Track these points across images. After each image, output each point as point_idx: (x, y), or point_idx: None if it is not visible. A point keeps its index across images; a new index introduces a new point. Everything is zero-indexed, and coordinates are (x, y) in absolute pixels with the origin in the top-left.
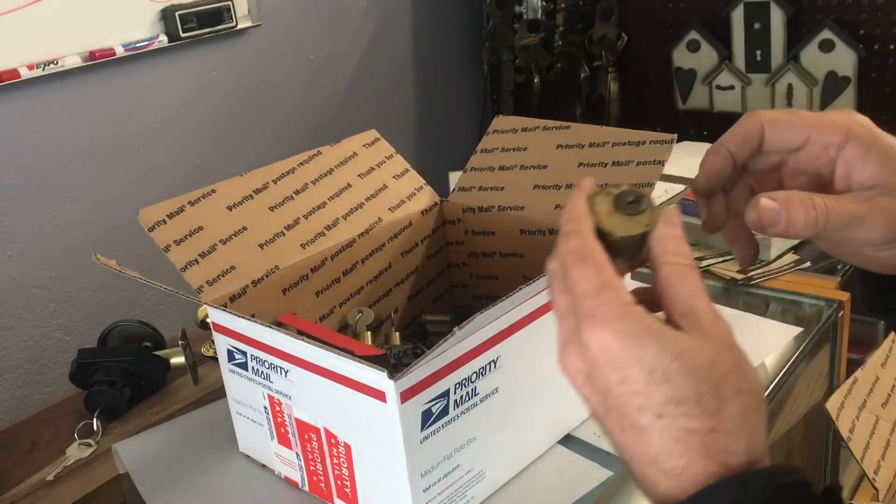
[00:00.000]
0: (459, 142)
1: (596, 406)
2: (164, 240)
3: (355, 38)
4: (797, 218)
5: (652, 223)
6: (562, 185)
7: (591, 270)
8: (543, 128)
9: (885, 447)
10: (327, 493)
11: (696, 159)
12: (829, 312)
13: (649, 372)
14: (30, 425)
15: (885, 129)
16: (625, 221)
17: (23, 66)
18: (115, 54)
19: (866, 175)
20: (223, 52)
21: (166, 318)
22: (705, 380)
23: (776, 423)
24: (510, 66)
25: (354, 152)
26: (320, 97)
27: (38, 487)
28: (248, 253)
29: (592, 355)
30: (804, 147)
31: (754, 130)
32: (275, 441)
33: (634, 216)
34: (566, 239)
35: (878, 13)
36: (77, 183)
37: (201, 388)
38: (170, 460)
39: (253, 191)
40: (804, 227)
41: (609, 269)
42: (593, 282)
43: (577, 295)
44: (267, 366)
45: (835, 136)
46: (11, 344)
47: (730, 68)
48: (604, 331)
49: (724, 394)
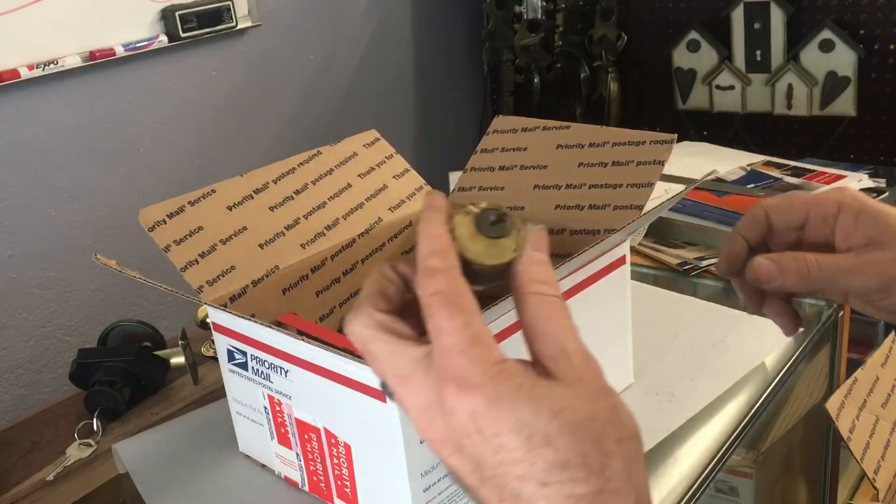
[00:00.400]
0: (459, 142)
1: (467, 476)
2: (164, 240)
3: (355, 38)
4: (789, 271)
5: (520, 247)
6: (562, 185)
7: (461, 320)
8: (543, 128)
9: (885, 447)
10: (327, 493)
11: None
12: (829, 312)
13: (527, 437)
14: (30, 425)
15: (885, 128)
16: (490, 247)
17: (23, 66)
18: (115, 54)
19: (859, 236)
20: (223, 52)
21: (166, 318)
22: (587, 437)
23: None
24: (510, 66)
25: (354, 152)
26: (320, 97)
27: (38, 487)
28: (248, 253)
29: (461, 422)
30: (807, 222)
31: (760, 215)
32: (275, 441)
33: (499, 239)
34: (430, 277)
35: (878, 13)
36: (77, 183)
37: (201, 388)
38: (170, 460)
39: (253, 191)
40: (797, 279)
41: (480, 318)
42: (461, 334)
43: (442, 347)
44: (267, 366)
45: (829, 208)
46: (11, 344)
47: (730, 68)
48: (473, 395)
49: (607, 447)
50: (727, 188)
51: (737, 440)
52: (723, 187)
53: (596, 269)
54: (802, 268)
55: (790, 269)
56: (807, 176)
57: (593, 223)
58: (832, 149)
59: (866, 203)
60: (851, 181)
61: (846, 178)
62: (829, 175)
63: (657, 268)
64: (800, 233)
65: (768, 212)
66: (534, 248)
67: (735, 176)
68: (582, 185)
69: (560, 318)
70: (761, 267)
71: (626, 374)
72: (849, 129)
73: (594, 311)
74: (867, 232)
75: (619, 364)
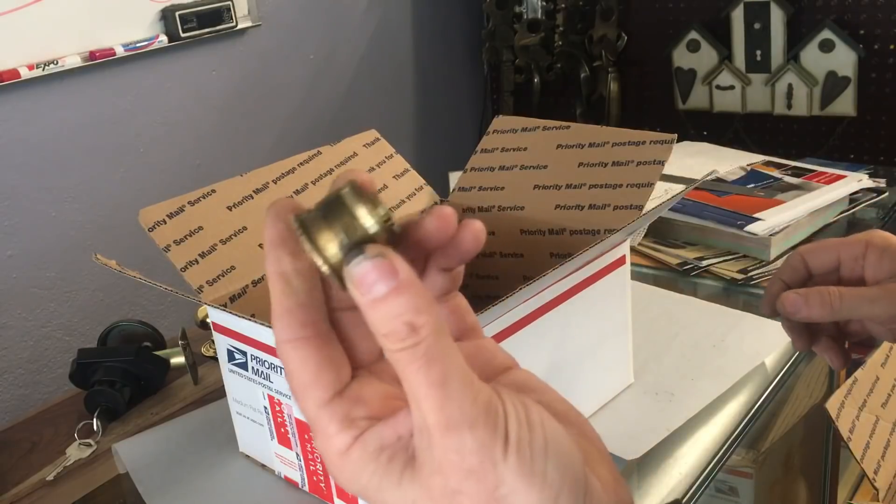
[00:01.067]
0: (459, 142)
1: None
2: (164, 240)
3: (355, 38)
4: (814, 303)
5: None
6: (562, 185)
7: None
8: (543, 128)
9: (885, 447)
10: (327, 493)
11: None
12: None
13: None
14: (30, 425)
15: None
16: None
17: (23, 66)
18: (115, 54)
19: (885, 270)
20: (223, 52)
21: (166, 318)
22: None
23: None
24: (510, 66)
25: (354, 152)
26: (320, 97)
27: (38, 487)
28: (248, 253)
29: None
30: (841, 263)
31: (797, 260)
32: (275, 441)
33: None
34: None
35: (878, 13)
36: (77, 183)
37: (201, 388)
38: (170, 460)
39: (253, 191)
40: (820, 310)
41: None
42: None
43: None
44: (267, 366)
45: (858, 248)
46: (11, 344)
47: (730, 68)
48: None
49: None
50: (727, 188)
51: (737, 440)
52: (723, 187)
53: (596, 269)
54: (825, 298)
55: (815, 301)
56: (807, 176)
57: (593, 223)
58: (832, 149)
59: (891, 240)
60: (851, 181)
61: (846, 178)
62: (829, 175)
63: (657, 268)
64: (836, 274)
65: (804, 256)
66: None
67: (735, 176)
68: (582, 185)
69: (414, 372)
70: (788, 299)
71: (626, 374)
72: (849, 129)
73: (594, 312)
74: (890, 267)
75: (619, 364)
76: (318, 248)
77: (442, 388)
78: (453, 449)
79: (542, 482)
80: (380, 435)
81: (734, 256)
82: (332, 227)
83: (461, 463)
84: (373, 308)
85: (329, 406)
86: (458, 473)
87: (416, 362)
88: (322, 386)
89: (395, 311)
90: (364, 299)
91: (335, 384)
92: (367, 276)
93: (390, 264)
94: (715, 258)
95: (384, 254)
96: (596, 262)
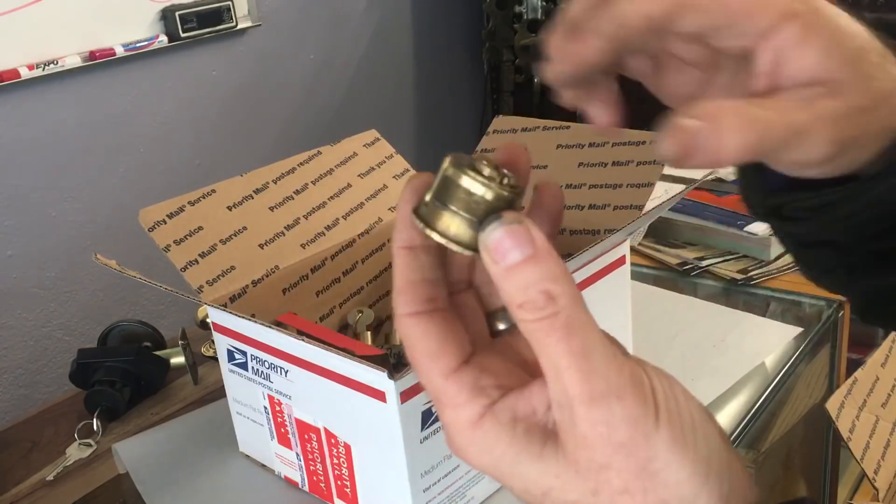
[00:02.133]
0: (459, 142)
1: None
2: (164, 240)
3: (355, 38)
4: (730, 141)
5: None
6: (562, 185)
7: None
8: (543, 128)
9: (885, 447)
10: (327, 493)
11: None
12: (830, 312)
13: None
14: (30, 425)
15: None
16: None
17: (23, 66)
18: (115, 54)
19: (803, 66)
20: (223, 52)
21: (166, 318)
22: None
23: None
24: (510, 66)
25: (354, 152)
26: (320, 97)
27: (38, 487)
28: (248, 253)
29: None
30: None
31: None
32: (275, 441)
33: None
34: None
35: (878, 13)
36: (77, 183)
37: (201, 388)
38: (170, 460)
39: (253, 191)
40: (738, 153)
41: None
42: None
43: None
44: (267, 366)
45: (762, 19)
46: (11, 344)
47: None
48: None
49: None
50: (727, 188)
51: (737, 440)
52: (723, 187)
53: (596, 269)
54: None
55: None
56: None
57: (593, 223)
58: None
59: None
60: None
61: None
62: None
63: (657, 268)
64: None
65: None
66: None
67: (735, 176)
68: (582, 185)
69: (554, 344)
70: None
71: None
72: None
73: (594, 312)
74: (814, 62)
75: None
76: (446, 237)
77: (585, 358)
78: (601, 421)
79: (694, 455)
80: (512, 406)
81: (734, 256)
82: (450, 210)
83: (610, 436)
84: (507, 276)
85: (457, 374)
86: (607, 447)
87: (556, 333)
88: (448, 354)
89: (531, 280)
90: (498, 267)
91: (461, 354)
92: (502, 243)
93: (526, 231)
94: (715, 258)
95: (520, 220)
96: (596, 262)
